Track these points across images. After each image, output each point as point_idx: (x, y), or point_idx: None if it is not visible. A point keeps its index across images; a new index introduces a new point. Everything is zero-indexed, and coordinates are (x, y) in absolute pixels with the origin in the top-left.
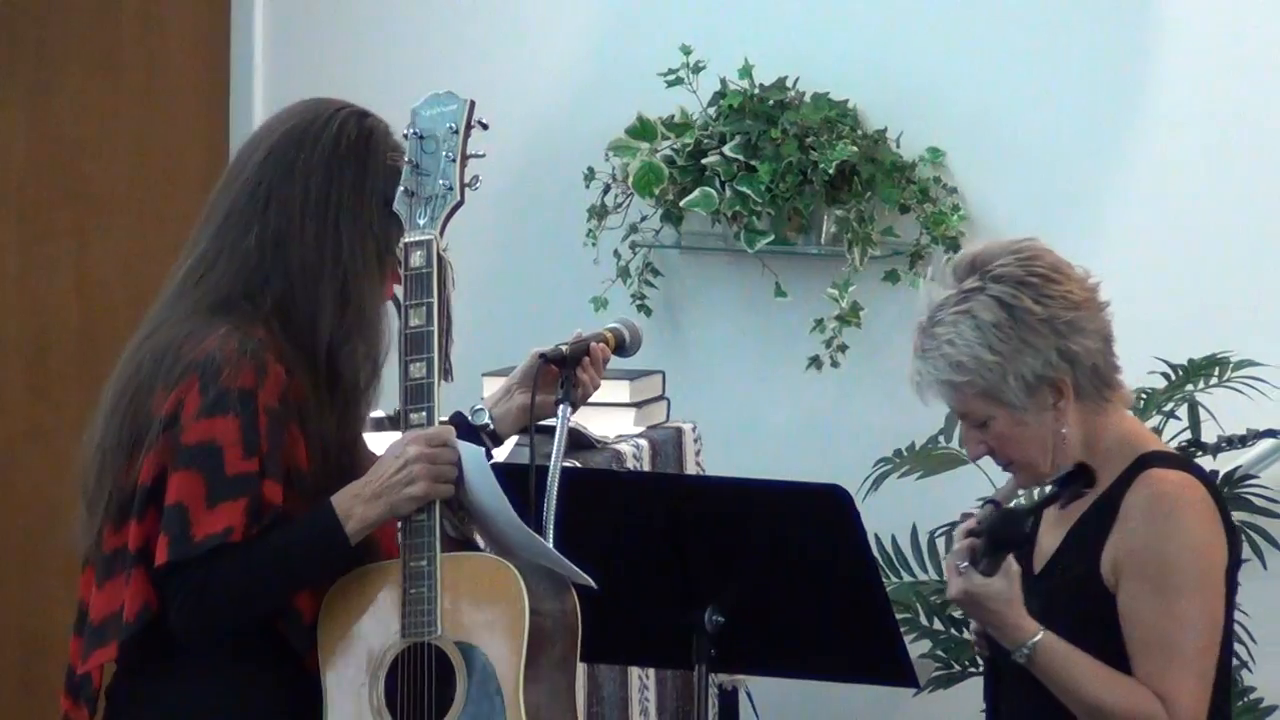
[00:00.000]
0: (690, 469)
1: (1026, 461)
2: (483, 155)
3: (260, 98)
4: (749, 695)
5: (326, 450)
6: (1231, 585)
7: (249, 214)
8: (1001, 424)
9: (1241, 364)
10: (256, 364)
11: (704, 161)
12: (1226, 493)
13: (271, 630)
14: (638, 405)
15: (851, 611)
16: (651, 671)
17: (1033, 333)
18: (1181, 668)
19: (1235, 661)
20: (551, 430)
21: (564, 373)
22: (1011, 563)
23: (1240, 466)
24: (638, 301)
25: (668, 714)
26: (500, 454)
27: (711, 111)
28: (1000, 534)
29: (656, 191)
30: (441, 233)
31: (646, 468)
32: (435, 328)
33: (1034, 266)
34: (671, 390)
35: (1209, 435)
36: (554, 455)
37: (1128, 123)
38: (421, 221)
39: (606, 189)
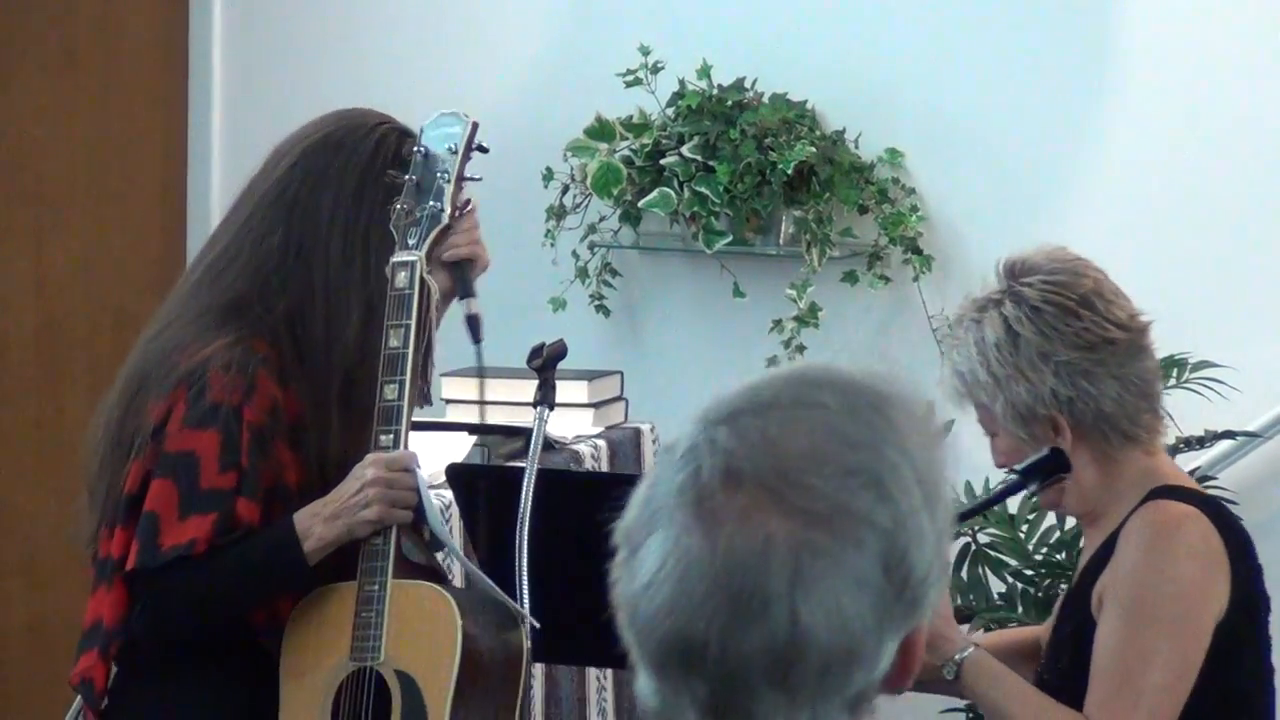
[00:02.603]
0: (649, 466)
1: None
2: (479, 179)
3: (218, 98)
4: None
5: (325, 469)
6: (1259, 633)
7: (274, 216)
8: (1003, 442)
9: (1200, 365)
10: (247, 380)
11: (662, 162)
12: None
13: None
14: (595, 406)
15: None
16: (609, 672)
17: (1029, 365)
18: (1129, 702)
19: None
20: (512, 431)
21: (542, 375)
22: None
23: (1199, 468)
24: (596, 302)
25: (625, 715)
26: (457, 454)
27: (670, 112)
28: None
29: (615, 192)
30: (428, 255)
31: (604, 468)
32: (411, 350)
33: (1058, 295)
34: (629, 391)
35: (1168, 437)
36: (530, 458)
37: (1087, 124)
38: (411, 241)
39: (565, 189)
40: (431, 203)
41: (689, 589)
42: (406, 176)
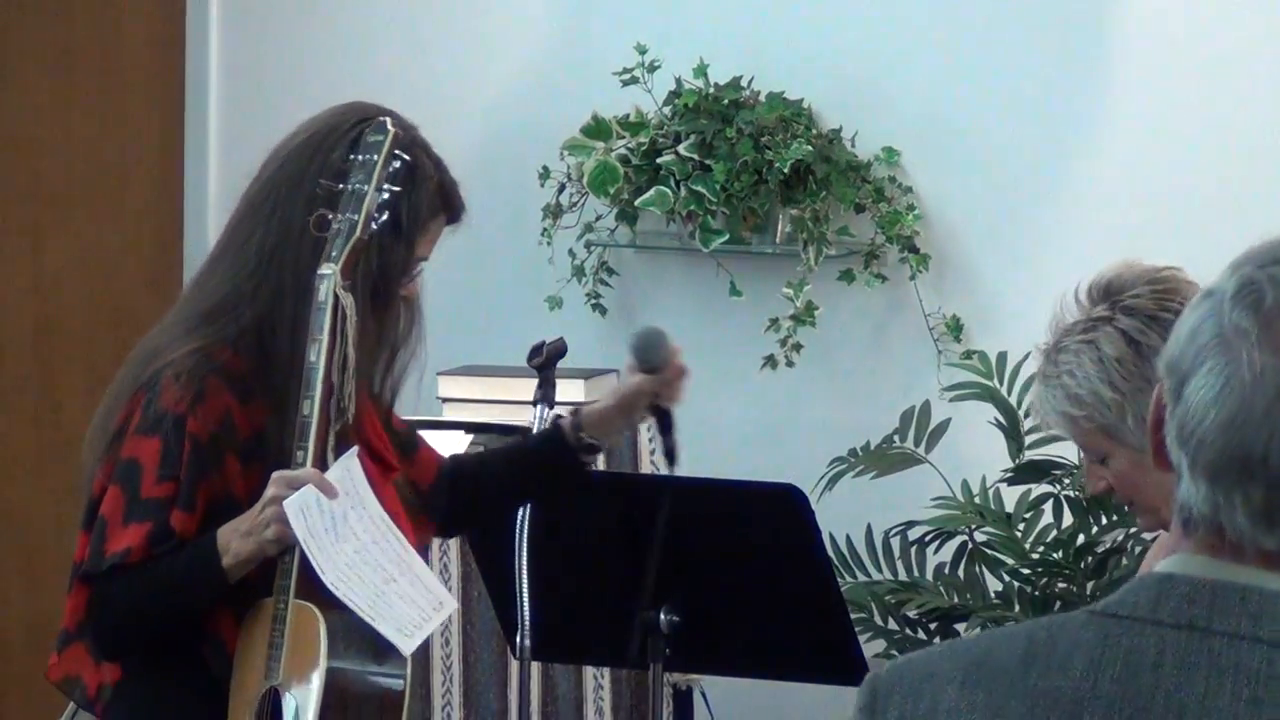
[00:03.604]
0: (645, 468)
1: (1147, 505)
2: (394, 190)
3: (215, 96)
4: (704, 695)
5: None
6: None
7: (254, 220)
8: (1121, 462)
9: None
10: (195, 390)
11: (659, 161)
12: None
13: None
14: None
15: (806, 611)
16: (606, 671)
17: (1156, 374)
18: None
19: None
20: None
21: (542, 374)
22: None
23: None
24: (592, 301)
25: (623, 713)
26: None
27: (666, 111)
28: None
29: (611, 191)
30: (345, 269)
31: (600, 466)
32: (322, 365)
33: (1169, 301)
34: None
35: None
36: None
37: (1084, 122)
38: (334, 254)
39: (561, 188)
40: (350, 214)
41: (1252, 403)
42: (340, 185)
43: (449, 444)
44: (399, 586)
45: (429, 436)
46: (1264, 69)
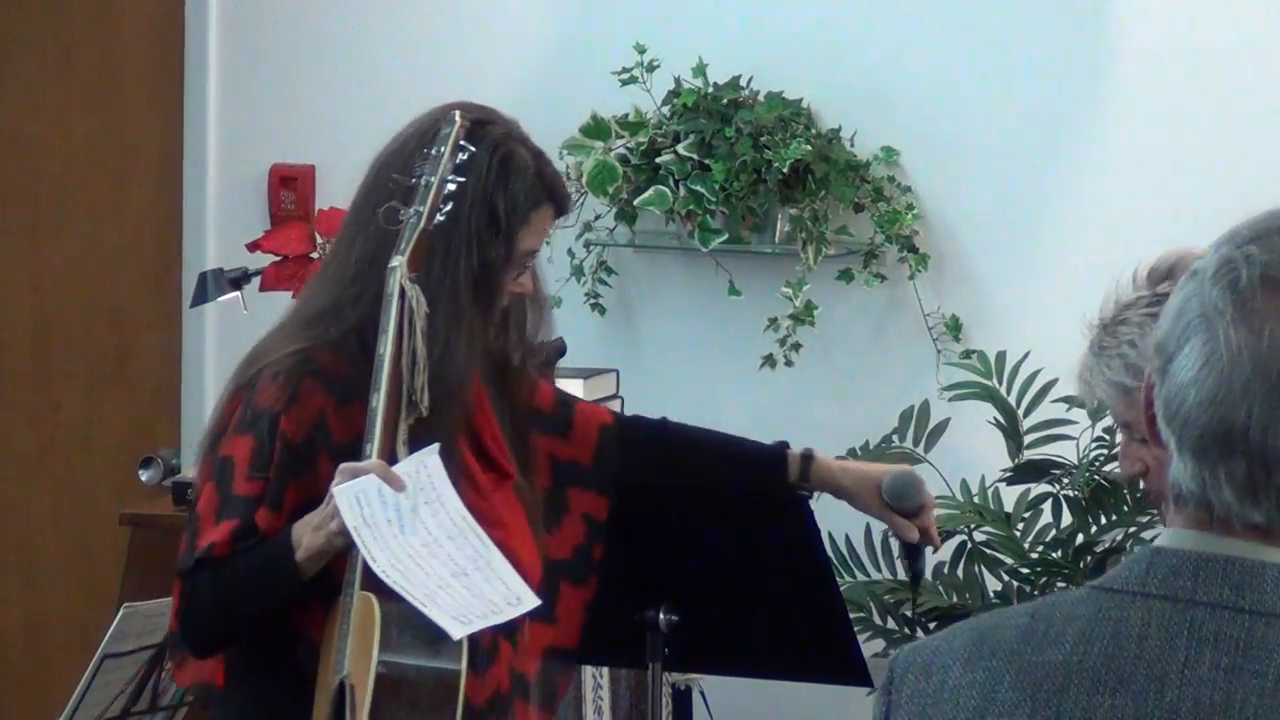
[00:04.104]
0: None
1: None
2: (462, 180)
3: (215, 93)
4: (703, 695)
5: None
6: None
7: (355, 225)
8: None
9: None
10: (291, 391)
11: (658, 160)
12: None
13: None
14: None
15: (805, 611)
16: (606, 670)
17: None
18: None
19: None
20: None
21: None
22: None
23: None
24: (591, 300)
25: (621, 713)
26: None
27: (665, 110)
28: None
29: (610, 190)
30: (413, 261)
31: None
32: (389, 357)
33: None
34: (625, 389)
35: None
36: None
37: (1082, 121)
38: (402, 246)
39: None
40: (418, 206)
41: (1231, 381)
42: (412, 179)
43: None
44: (470, 580)
45: None
46: (1265, 69)
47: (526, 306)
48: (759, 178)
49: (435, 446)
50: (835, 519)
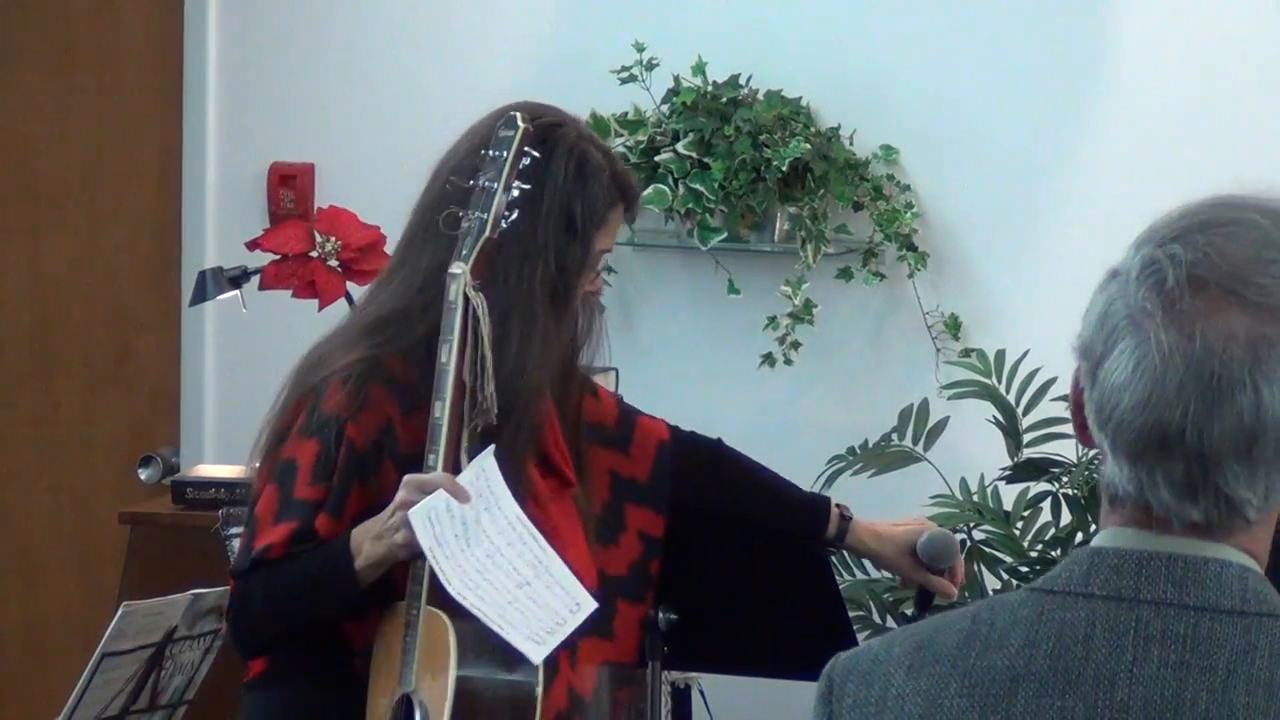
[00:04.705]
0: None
1: None
2: (527, 188)
3: (214, 92)
4: (702, 693)
5: None
6: None
7: (424, 231)
8: None
9: None
10: (359, 399)
11: (657, 159)
12: None
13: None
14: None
15: (804, 609)
16: None
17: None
18: None
19: None
20: None
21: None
22: None
23: None
24: None
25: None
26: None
27: (665, 109)
28: None
29: None
30: (476, 269)
31: None
32: (453, 366)
33: None
34: (624, 388)
35: None
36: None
37: (1083, 120)
38: (465, 252)
39: None
40: (479, 213)
41: (1164, 383)
42: (470, 182)
43: None
44: (533, 590)
45: None
46: (1265, 69)
47: (580, 308)
48: (758, 176)
49: (491, 449)
50: None
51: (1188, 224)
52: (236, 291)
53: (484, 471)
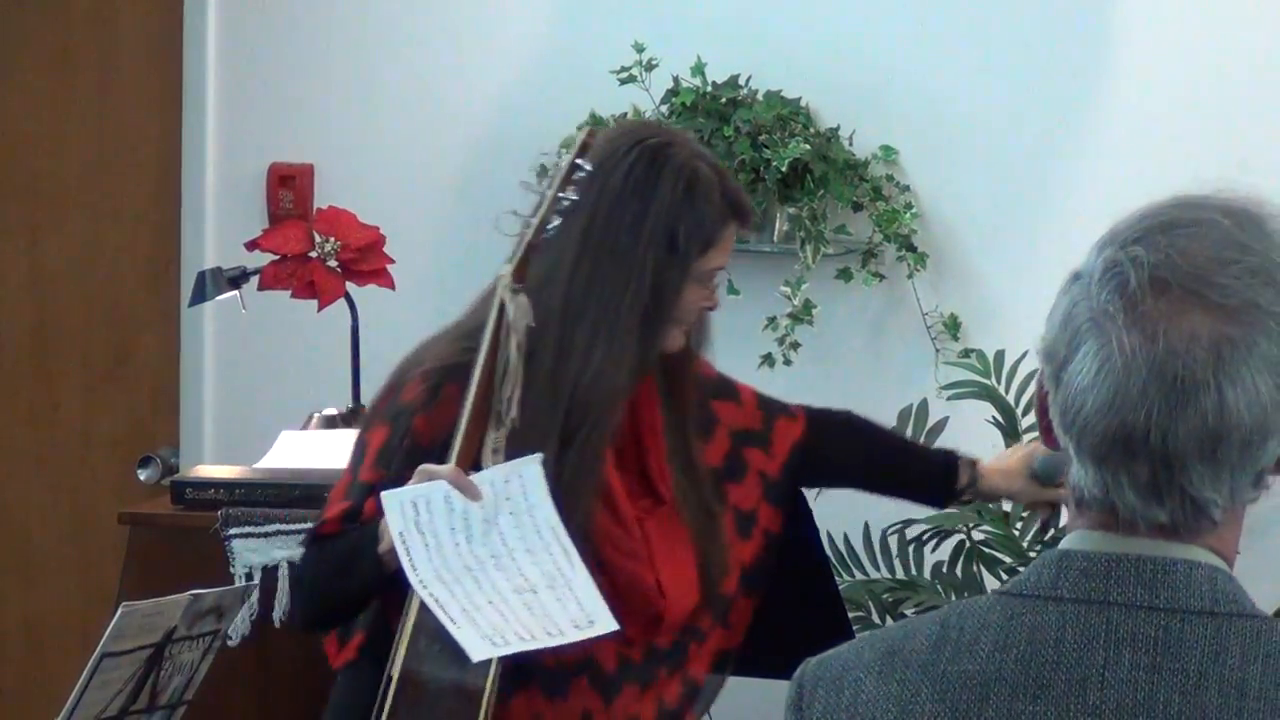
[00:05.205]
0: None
1: None
2: (574, 199)
3: (213, 92)
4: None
5: None
6: None
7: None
8: None
9: None
10: (432, 394)
11: None
12: None
13: None
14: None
15: (804, 610)
16: None
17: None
18: None
19: None
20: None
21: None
22: None
23: None
24: None
25: None
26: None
27: (664, 109)
28: None
29: None
30: (518, 272)
31: None
32: (480, 367)
33: None
34: None
35: None
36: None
37: (1082, 120)
38: (513, 255)
39: None
40: (531, 217)
41: (1128, 385)
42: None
43: None
44: (537, 598)
45: None
46: (1265, 70)
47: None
48: (757, 177)
49: (537, 456)
50: (835, 519)
51: (1150, 225)
52: (236, 292)
53: (520, 477)
